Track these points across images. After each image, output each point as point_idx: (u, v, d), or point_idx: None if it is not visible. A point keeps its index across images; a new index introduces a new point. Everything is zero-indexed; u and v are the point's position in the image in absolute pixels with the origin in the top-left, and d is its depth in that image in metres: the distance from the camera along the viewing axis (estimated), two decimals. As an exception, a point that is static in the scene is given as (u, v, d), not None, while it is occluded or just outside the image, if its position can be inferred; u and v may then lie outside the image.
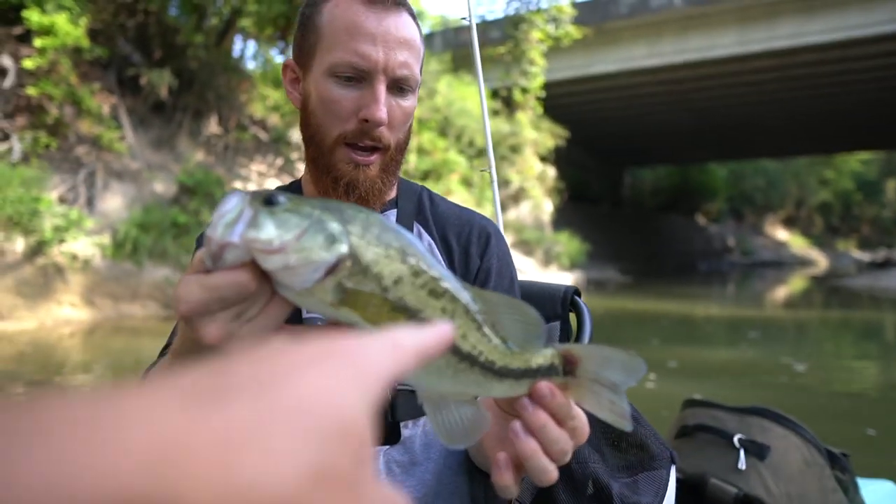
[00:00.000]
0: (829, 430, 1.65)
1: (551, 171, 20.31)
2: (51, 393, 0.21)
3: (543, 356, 0.59)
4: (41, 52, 8.71)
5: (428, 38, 15.93)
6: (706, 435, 1.76)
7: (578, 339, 1.27)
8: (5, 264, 7.76)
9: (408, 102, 1.05)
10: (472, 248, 1.14)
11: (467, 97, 17.38)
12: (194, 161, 11.00)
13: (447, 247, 1.14)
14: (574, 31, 17.71)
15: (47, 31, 8.67)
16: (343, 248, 0.49)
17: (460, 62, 18.65)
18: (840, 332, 10.09)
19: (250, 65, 14.12)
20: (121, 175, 9.95)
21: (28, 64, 8.63)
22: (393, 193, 1.16)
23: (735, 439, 1.69)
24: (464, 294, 0.54)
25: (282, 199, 0.50)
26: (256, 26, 11.72)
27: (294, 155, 12.93)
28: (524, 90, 17.90)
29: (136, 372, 5.45)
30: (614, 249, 25.92)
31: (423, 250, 0.53)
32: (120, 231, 8.93)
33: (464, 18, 1.83)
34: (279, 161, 12.83)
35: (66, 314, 8.13)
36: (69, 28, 8.74)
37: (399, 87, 1.02)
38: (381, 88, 0.99)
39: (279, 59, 13.70)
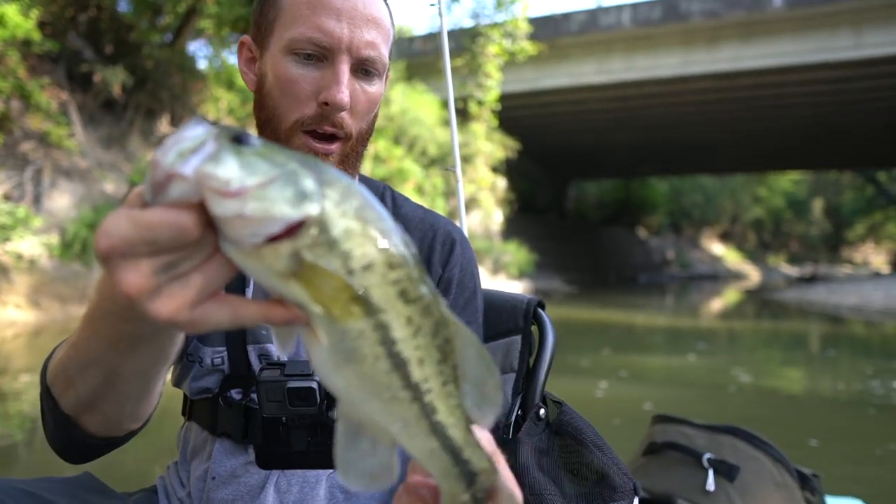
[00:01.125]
0: (780, 440, 1.75)
1: (502, 182, 20.69)
2: None
3: (479, 458, 0.50)
4: (-12, 43, 8.42)
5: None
6: (675, 453, 1.70)
7: (539, 354, 1.18)
8: (-55, 263, 7.45)
9: (373, 88, 0.95)
10: (434, 256, 1.06)
11: (421, 106, 17.59)
12: (146, 161, 10.77)
13: None
14: (529, 48, 18.15)
15: (-4, 22, 8.38)
16: (312, 210, 0.41)
17: (414, 71, 18.84)
18: (776, 342, 10.67)
19: (204, 65, 13.93)
20: (69, 173, 9.66)
21: (-25, 55, 8.33)
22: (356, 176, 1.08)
23: (704, 459, 1.63)
24: (440, 310, 0.46)
25: (255, 140, 0.43)
26: (215, 27, 11.58)
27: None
28: (479, 102, 18.21)
29: None
30: (560, 260, 26.52)
31: (406, 241, 0.45)
32: (69, 230, 8.67)
33: (433, 4, 1.67)
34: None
35: (10, 316, 7.84)
36: (19, 20, 8.47)
37: (364, 69, 0.93)
38: (344, 69, 0.90)
39: (233, 61, 13.55)
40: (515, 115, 22.68)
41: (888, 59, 17.25)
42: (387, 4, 0.97)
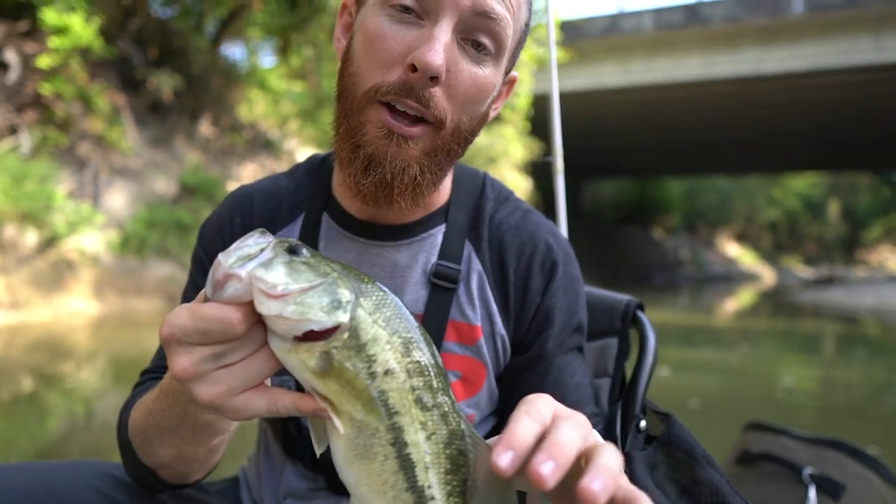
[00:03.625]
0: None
1: (527, 183, 21.10)
2: None
3: None
4: (55, 51, 8.93)
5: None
6: (771, 465, 1.55)
7: (640, 360, 1.09)
8: (20, 257, 7.97)
9: (483, 70, 0.78)
10: (531, 281, 0.94)
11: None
12: (189, 161, 11.28)
13: (503, 275, 0.94)
14: (561, 54, 18.55)
15: (61, 30, 8.90)
16: (343, 318, 0.47)
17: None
18: (810, 343, 10.77)
19: (240, 67, 14.43)
20: (123, 173, 10.18)
21: (43, 62, 8.84)
22: (444, 197, 0.95)
23: (805, 474, 1.46)
24: (456, 420, 0.49)
25: (305, 252, 0.49)
26: (261, 34, 12.09)
27: (284, 159, 13.30)
28: (511, 108, 18.67)
29: (137, 364, 5.80)
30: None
31: (431, 353, 0.49)
32: (127, 228, 9.20)
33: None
34: (270, 163, 13.18)
35: (77, 307, 8.37)
36: (82, 29, 8.99)
37: (476, 41, 0.76)
38: (445, 28, 0.73)
39: (267, 64, 14.03)
40: (536, 116, 23.05)
41: (907, 64, 17.49)
42: None
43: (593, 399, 0.97)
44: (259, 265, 0.47)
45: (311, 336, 0.47)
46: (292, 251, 0.48)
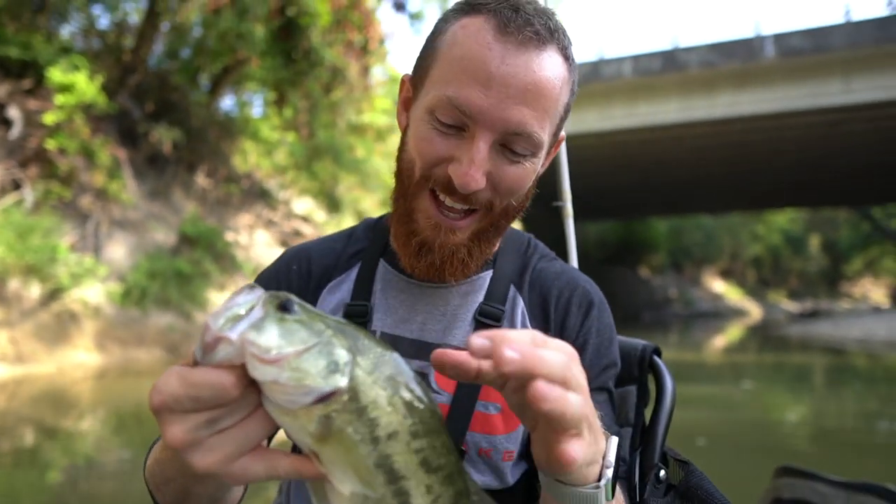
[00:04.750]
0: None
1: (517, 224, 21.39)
2: None
3: None
4: (60, 107, 9.19)
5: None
6: None
7: (658, 406, 1.08)
8: (24, 310, 8.05)
9: (523, 166, 0.85)
10: (570, 319, 0.98)
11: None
12: (187, 212, 11.48)
13: (544, 313, 0.99)
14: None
15: (67, 88, 9.18)
16: (342, 382, 0.45)
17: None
18: (802, 376, 10.95)
19: (233, 118, 14.77)
20: (123, 224, 10.35)
21: (49, 119, 9.09)
22: (493, 248, 0.99)
23: None
24: (462, 480, 0.49)
25: (297, 308, 0.47)
26: (259, 87, 12.46)
27: (280, 209, 13.53)
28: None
29: (136, 415, 5.83)
30: (568, 299, 26.92)
31: (433, 410, 0.48)
32: (128, 279, 9.31)
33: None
34: (266, 212, 13.39)
35: (80, 358, 8.42)
36: (87, 86, 9.28)
37: (511, 148, 0.83)
38: (482, 146, 0.80)
39: (257, 113, 14.37)
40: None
41: (876, 104, 18.22)
42: (566, 63, 0.85)
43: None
44: (250, 327, 0.45)
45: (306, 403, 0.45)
46: (283, 308, 0.46)
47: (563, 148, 1.63)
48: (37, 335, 8.05)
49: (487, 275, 0.98)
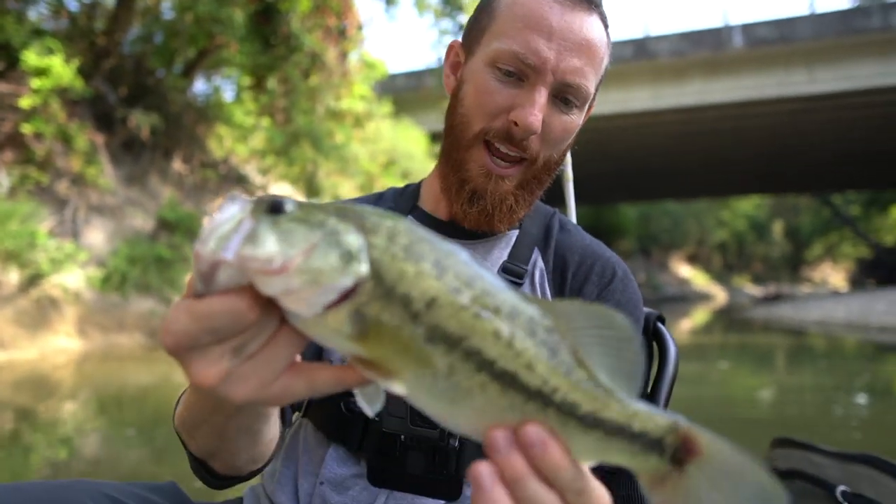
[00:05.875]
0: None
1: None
2: None
3: (654, 421, 0.44)
4: (36, 91, 9.08)
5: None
6: (802, 483, 1.49)
7: (661, 373, 1.09)
8: (4, 296, 8.02)
9: (570, 117, 0.93)
10: (587, 287, 0.99)
11: (409, 140, 18.51)
12: (164, 197, 11.43)
13: (562, 277, 1.00)
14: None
15: (42, 71, 9.07)
16: (362, 269, 0.40)
17: (399, 107, 19.79)
18: (773, 356, 11.46)
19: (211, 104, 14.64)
20: (100, 210, 10.29)
21: (25, 103, 8.98)
22: (534, 202, 1.02)
23: (838, 491, 1.40)
24: (527, 309, 0.42)
25: (289, 205, 0.42)
26: (238, 73, 12.39)
27: (257, 194, 13.51)
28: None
29: (119, 399, 5.93)
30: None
31: (465, 258, 0.43)
32: (109, 264, 9.30)
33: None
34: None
35: (61, 344, 8.41)
36: (62, 70, 9.18)
37: (565, 97, 0.91)
38: (543, 92, 0.88)
39: (229, 98, 14.26)
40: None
41: (838, 94, 18.80)
42: (607, 32, 0.94)
43: None
44: (244, 241, 0.40)
45: (331, 303, 0.41)
46: (274, 209, 0.42)
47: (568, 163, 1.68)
48: (17, 321, 8.03)
49: (513, 234, 1.03)
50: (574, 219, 1.59)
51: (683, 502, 0.44)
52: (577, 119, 0.94)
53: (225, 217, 0.41)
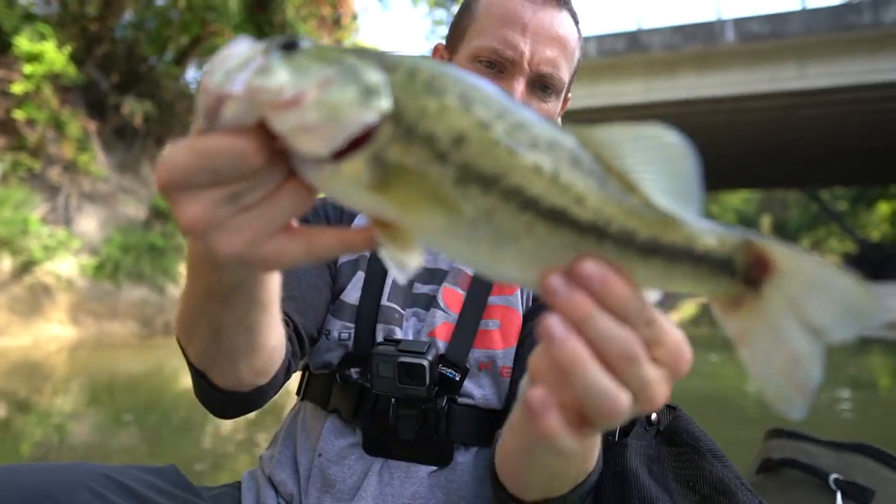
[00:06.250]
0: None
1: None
2: None
3: (720, 240, 0.40)
4: (28, 77, 9.02)
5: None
6: (795, 472, 1.50)
7: None
8: (-4, 282, 8.01)
9: (548, 104, 1.00)
10: None
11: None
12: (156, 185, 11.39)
13: None
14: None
15: (35, 57, 9.00)
16: (385, 104, 0.36)
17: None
18: None
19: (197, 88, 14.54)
20: (93, 197, 10.24)
21: (17, 89, 8.92)
22: None
23: (831, 480, 1.41)
24: (567, 139, 0.38)
25: (305, 42, 0.38)
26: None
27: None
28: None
29: (111, 387, 5.96)
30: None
31: (494, 90, 0.38)
32: (102, 252, 9.28)
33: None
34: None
35: (54, 331, 8.41)
36: (55, 56, 9.11)
37: (542, 84, 0.98)
38: (520, 81, 0.96)
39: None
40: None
41: (828, 90, 18.97)
42: (577, 28, 1.03)
43: None
44: (255, 73, 0.36)
45: (347, 147, 0.36)
46: (289, 46, 0.37)
47: None
48: (10, 308, 8.01)
49: None
50: None
51: (764, 326, 0.41)
52: (554, 105, 1.01)
53: (234, 52, 0.37)
